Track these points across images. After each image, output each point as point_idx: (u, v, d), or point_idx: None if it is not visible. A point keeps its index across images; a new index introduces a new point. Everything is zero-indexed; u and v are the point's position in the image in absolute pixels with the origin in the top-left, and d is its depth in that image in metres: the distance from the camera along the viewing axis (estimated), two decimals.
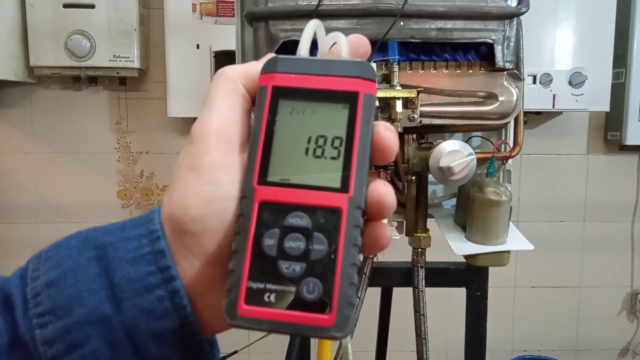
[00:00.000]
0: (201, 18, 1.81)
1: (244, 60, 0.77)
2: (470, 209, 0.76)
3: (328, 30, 0.67)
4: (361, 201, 0.29)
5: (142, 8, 1.88)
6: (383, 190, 0.30)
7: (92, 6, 1.79)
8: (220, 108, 0.31)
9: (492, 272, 2.07)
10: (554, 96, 1.83)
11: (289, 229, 0.29)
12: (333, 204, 0.29)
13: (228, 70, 0.33)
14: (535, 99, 1.81)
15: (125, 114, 2.04)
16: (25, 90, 2.01)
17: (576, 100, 1.83)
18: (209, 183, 0.30)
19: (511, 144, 0.80)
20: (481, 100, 0.74)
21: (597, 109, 1.91)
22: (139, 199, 2.02)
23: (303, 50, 0.33)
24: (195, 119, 1.23)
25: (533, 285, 2.23)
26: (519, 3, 0.72)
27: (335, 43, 0.34)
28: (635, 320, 2.28)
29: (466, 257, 0.77)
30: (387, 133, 0.31)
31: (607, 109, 1.87)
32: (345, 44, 0.33)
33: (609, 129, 2.11)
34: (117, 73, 1.87)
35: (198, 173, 0.30)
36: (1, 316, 0.30)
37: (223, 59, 1.77)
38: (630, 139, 1.99)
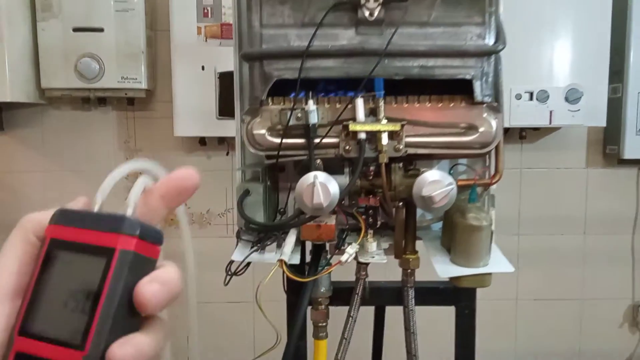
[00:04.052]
0: (206, 40, 1.87)
1: (241, 95, 0.83)
2: (454, 233, 0.81)
3: (319, 70, 0.72)
4: (97, 358, 0.30)
5: (149, 30, 1.95)
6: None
7: (101, 30, 1.85)
8: (2, 259, 0.34)
9: (495, 285, 2.10)
10: (550, 112, 1.86)
11: None
12: None
13: (27, 219, 0.35)
14: (532, 115, 1.85)
15: (133, 133, 2.11)
16: (37, 110, 2.08)
17: (573, 116, 1.86)
18: None
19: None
20: (463, 131, 0.79)
21: (594, 124, 1.94)
22: None
23: (98, 202, 0.35)
24: (200, 138, 1.28)
25: (535, 298, 2.26)
26: (496, 41, 0.77)
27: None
28: (637, 332, 2.30)
29: (451, 278, 0.81)
30: (145, 288, 0.32)
31: (604, 124, 1.90)
32: (135, 196, 0.35)
33: (607, 142, 2.15)
34: (125, 94, 1.93)
35: None
36: None
37: (227, 79, 1.82)
38: (628, 153, 2.02)
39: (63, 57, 1.86)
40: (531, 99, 1.85)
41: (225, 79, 1.85)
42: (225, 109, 1.86)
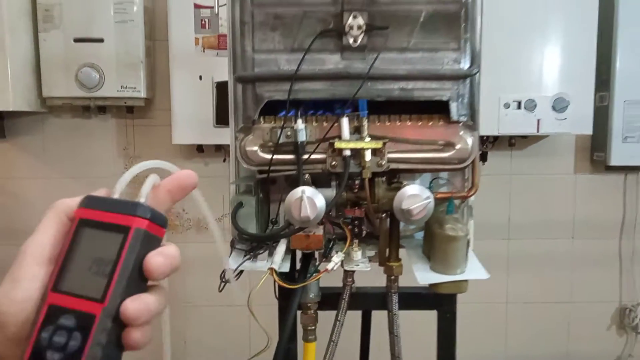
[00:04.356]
0: (203, 51, 1.92)
1: (235, 113, 0.89)
2: (433, 242, 0.87)
3: (307, 91, 0.78)
4: (114, 310, 0.38)
5: (148, 41, 2.00)
6: (129, 312, 0.39)
7: (101, 40, 1.90)
8: (39, 233, 0.42)
9: (486, 288, 2.16)
10: (538, 121, 1.91)
11: (58, 327, 0.38)
12: (90, 311, 0.38)
13: (59, 202, 0.44)
14: (520, 123, 1.90)
15: (132, 140, 2.16)
16: (38, 118, 2.13)
17: (559, 124, 1.91)
18: (16, 289, 0.40)
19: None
20: (441, 147, 0.85)
21: (580, 132, 1.98)
22: None
23: (117, 191, 0.43)
24: (198, 145, 1.35)
25: (525, 301, 2.31)
26: (470, 65, 0.83)
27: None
28: (624, 335, 2.35)
29: (430, 284, 0.87)
30: (153, 259, 0.40)
31: (590, 132, 1.94)
32: (146, 189, 0.43)
33: (594, 149, 2.20)
34: (125, 102, 1.99)
35: (11, 281, 0.41)
36: None
37: (224, 89, 1.87)
38: (615, 160, 2.07)
39: (64, 66, 1.91)
40: (519, 107, 1.90)
41: (222, 89, 1.90)
42: (222, 118, 1.91)
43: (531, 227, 2.25)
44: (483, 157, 2.15)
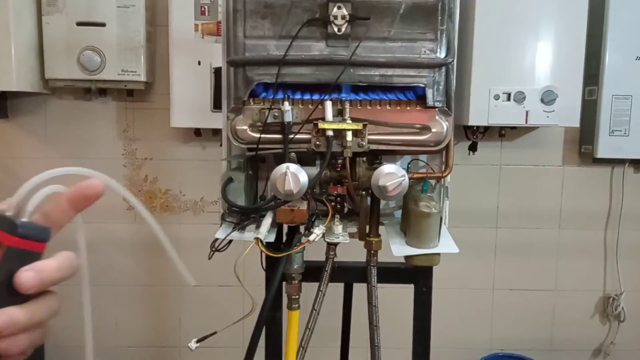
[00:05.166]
0: (203, 37, 1.96)
1: (228, 95, 0.95)
2: (408, 218, 0.94)
3: (294, 75, 0.84)
4: None
5: (149, 26, 2.05)
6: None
7: (103, 24, 1.96)
8: None
9: (472, 274, 2.21)
10: (526, 112, 1.96)
11: None
12: None
13: None
14: (509, 115, 1.95)
15: (132, 123, 2.21)
16: (40, 100, 2.19)
17: (547, 117, 1.96)
18: None
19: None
20: (418, 131, 0.91)
21: (568, 125, 2.03)
22: (143, 201, 2.17)
23: (14, 202, 0.44)
24: (195, 129, 1.40)
25: (511, 288, 2.37)
26: (446, 55, 0.89)
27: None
28: (607, 323, 2.41)
29: (405, 257, 0.94)
30: (21, 274, 0.42)
31: (577, 125, 1.99)
32: (33, 204, 0.44)
33: (582, 142, 2.25)
34: (125, 86, 2.04)
35: None
36: None
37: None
38: (602, 152, 2.13)
39: (66, 49, 1.96)
40: (509, 99, 1.95)
41: (220, 74, 1.94)
42: (220, 103, 1.95)
43: (519, 216, 2.31)
44: (473, 148, 2.21)
